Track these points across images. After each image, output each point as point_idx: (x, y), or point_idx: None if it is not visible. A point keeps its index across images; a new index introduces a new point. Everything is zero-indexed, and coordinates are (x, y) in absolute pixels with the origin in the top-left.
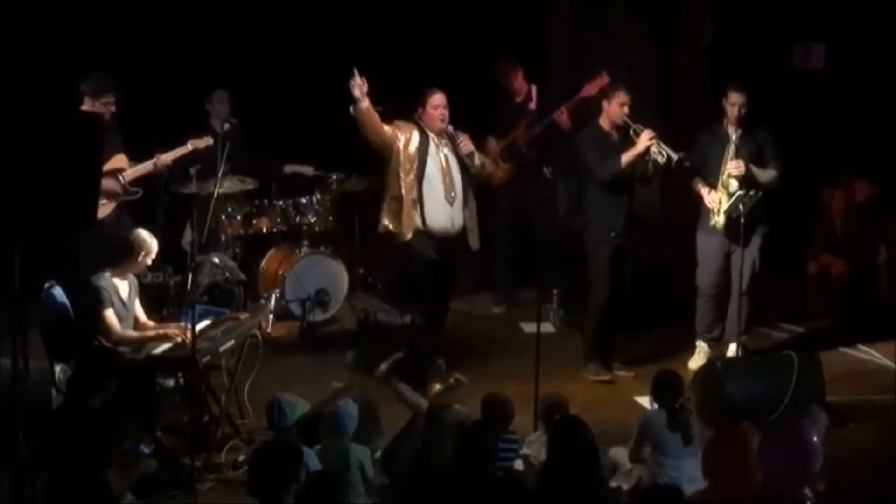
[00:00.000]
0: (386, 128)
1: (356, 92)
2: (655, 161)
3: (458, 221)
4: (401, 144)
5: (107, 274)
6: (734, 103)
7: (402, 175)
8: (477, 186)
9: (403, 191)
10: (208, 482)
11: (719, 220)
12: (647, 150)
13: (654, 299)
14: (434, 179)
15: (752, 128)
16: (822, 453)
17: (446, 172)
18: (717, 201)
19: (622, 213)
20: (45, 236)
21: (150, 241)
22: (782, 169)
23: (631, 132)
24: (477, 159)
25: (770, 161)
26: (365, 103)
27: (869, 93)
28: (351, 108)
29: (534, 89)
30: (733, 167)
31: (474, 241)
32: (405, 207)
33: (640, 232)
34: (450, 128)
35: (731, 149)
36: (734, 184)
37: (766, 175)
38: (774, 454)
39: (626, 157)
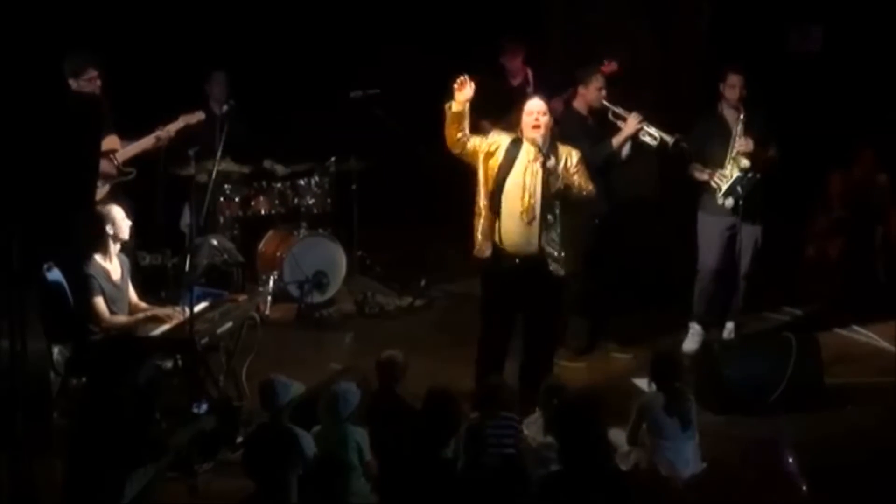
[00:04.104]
0: (472, 137)
1: (456, 89)
2: (644, 143)
3: (536, 243)
4: (482, 155)
5: (96, 259)
6: (734, 85)
7: (481, 188)
8: (566, 206)
9: (482, 204)
10: (206, 463)
11: (728, 200)
12: (636, 133)
13: (651, 281)
14: (511, 193)
15: (752, 109)
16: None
17: (527, 188)
18: (728, 178)
19: (602, 196)
20: (44, 217)
21: (109, 209)
22: (779, 152)
23: (609, 115)
24: (560, 180)
25: (769, 143)
26: (457, 107)
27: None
28: (447, 103)
29: (530, 73)
30: (742, 144)
31: (556, 268)
32: (484, 222)
33: (627, 212)
34: (538, 138)
35: (740, 127)
36: (745, 161)
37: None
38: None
39: (617, 141)
